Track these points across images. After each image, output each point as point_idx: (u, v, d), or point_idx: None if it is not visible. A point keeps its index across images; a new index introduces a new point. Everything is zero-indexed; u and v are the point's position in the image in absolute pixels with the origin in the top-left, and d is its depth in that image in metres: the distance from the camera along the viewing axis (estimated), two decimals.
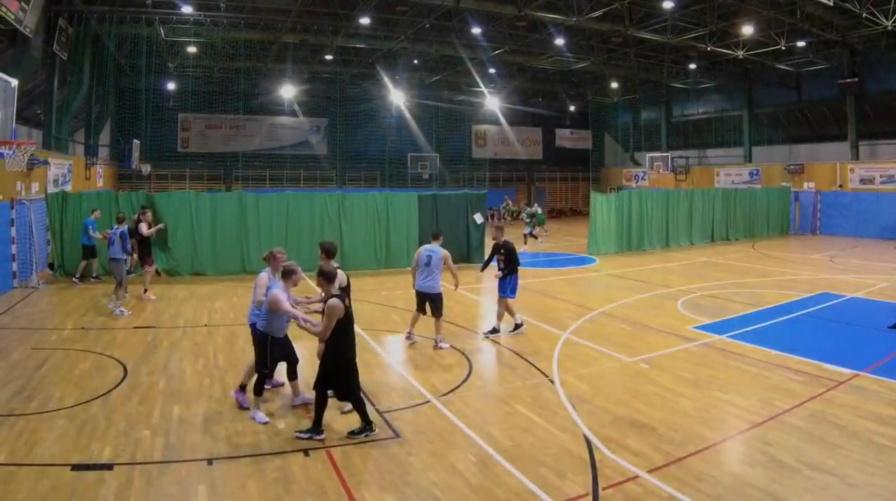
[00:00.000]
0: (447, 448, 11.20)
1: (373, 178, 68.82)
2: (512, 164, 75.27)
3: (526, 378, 15.02)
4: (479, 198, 34.98)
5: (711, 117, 65.32)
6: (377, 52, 53.21)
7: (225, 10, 41.63)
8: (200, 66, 58.29)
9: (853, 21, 40.25)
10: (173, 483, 9.88)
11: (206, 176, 63.42)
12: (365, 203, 32.01)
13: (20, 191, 27.61)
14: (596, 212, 38.68)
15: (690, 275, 30.25)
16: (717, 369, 15.60)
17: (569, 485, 9.74)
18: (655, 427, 11.92)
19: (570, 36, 48.58)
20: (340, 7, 43.03)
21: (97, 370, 15.39)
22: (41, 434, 11.50)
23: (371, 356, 16.95)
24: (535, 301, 24.44)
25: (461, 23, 45.44)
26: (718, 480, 9.86)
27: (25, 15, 28.20)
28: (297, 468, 10.44)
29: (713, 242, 44.41)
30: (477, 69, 55.62)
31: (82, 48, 40.49)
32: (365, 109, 67.41)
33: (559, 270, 32.57)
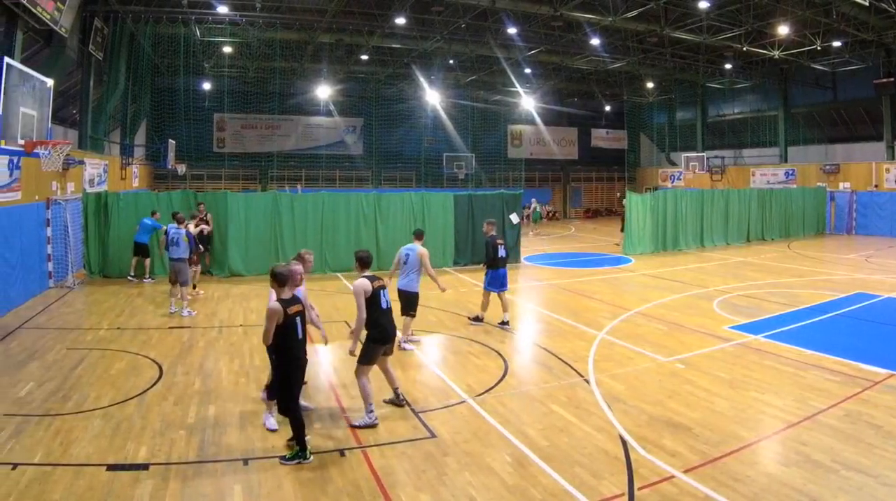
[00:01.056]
0: (483, 448, 11.20)
1: (408, 178, 68.61)
2: (547, 164, 74.86)
3: (562, 378, 15.01)
4: (515, 198, 34.94)
5: (747, 117, 64.76)
6: (413, 52, 53.09)
7: (260, 10, 41.75)
8: (236, 66, 58.44)
9: (889, 21, 39.92)
10: (209, 483, 9.94)
11: (241, 176, 63.51)
12: (401, 203, 32.03)
13: (56, 191, 27.64)
14: (631, 212, 38.62)
15: (726, 275, 30.11)
16: (753, 369, 15.54)
17: (604, 485, 9.74)
18: (691, 427, 11.91)
19: (606, 36, 48.42)
20: (376, 7, 43.16)
21: (133, 370, 15.50)
22: (77, 434, 11.59)
23: (406, 356, 17.06)
24: (572, 301, 24.44)
25: (497, 23, 45.35)
26: (754, 480, 9.83)
27: (61, 15, 28.32)
28: (333, 468, 10.48)
29: (749, 242, 44.15)
30: (512, 69, 55.44)
31: (118, 48, 40.68)
32: (400, 109, 67.36)
33: (595, 270, 32.48)
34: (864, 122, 54.22)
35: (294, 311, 10.81)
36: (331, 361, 16.57)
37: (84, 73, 36.85)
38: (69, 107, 40.26)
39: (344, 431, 11.96)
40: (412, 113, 67.78)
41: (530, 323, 21.80)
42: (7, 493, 9.37)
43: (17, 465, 10.26)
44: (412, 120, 68.16)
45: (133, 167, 45.92)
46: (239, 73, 60.21)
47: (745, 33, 44.52)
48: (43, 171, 23.57)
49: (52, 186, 27.26)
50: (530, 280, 29.77)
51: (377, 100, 67.21)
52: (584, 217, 72.44)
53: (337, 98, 64.01)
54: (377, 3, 42.74)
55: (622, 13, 40.34)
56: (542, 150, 74.11)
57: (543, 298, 25.85)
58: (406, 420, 12.48)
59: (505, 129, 72.43)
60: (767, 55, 48.91)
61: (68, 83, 36.64)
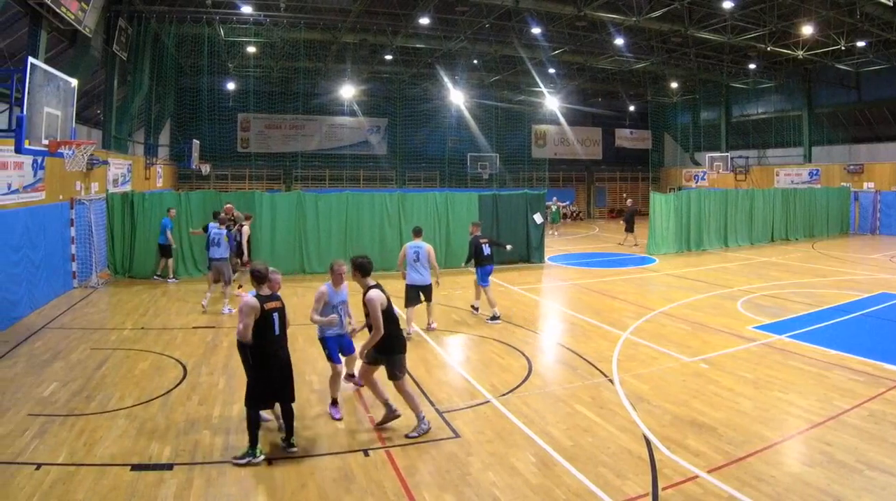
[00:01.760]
0: (507, 447, 11.20)
1: (432, 178, 68.70)
2: (571, 164, 74.66)
3: (586, 378, 15.00)
4: (539, 198, 34.87)
5: (771, 117, 64.44)
6: (437, 52, 53.07)
7: (284, 10, 41.78)
8: (260, 66, 58.60)
9: None
10: (233, 482, 9.98)
11: (265, 176, 63.63)
12: (425, 202, 31.99)
13: (80, 190, 27.70)
14: (655, 212, 38.56)
15: (750, 275, 29.99)
16: (777, 369, 15.50)
17: (628, 485, 9.74)
18: (715, 427, 11.89)
19: (630, 36, 48.38)
20: (400, 7, 43.17)
21: (157, 370, 15.55)
22: (101, 434, 11.63)
23: (431, 356, 17.10)
24: (596, 301, 24.40)
25: (521, 23, 45.33)
26: (778, 480, 9.81)
27: (85, 15, 28.41)
28: (357, 467, 10.49)
29: (773, 242, 43.97)
30: (536, 69, 55.34)
31: (142, 48, 40.84)
32: (425, 109, 67.38)
33: (619, 270, 32.44)
34: (888, 122, 53.86)
35: (270, 307, 10.92)
36: (355, 360, 16.57)
37: (108, 72, 37.00)
38: (93, 107, 40.42)
39: (368, 431, 12.00)
40: (436, 113, 67.78)
41: (554, 323, 21.80)
42: (31, 493, 9.42)
43: (40, 465, 10.31)
44: (436, 120, 68.15)
45: (157, 167, 46.14)
46: (263, 72, 60.45)
47: (769, 33, 44.41)
48: (67, 171, 23.59)
49: (76, 186, 27.35)
50: (554, 280, 29.80)
51: (401, 100, 67.28)
52: (609, 217, 72.21)
53: (361, 98, 64.05)
54: (401, 3, 42.78)
55: (646, 13, 40.32)
56: (566, 150, 73.94)
57: (567, 298, 25.82)
58: (430, 420, 12.45)
59: (529, 129, 72.27)
60: (791, 55, 48.80)
61: (92, 83, 36.79)
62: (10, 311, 19.70)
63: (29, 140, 14.87)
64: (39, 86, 15.40)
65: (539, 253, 33.96)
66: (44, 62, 18.12)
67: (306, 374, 15.28)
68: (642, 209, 65.33)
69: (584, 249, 41.80)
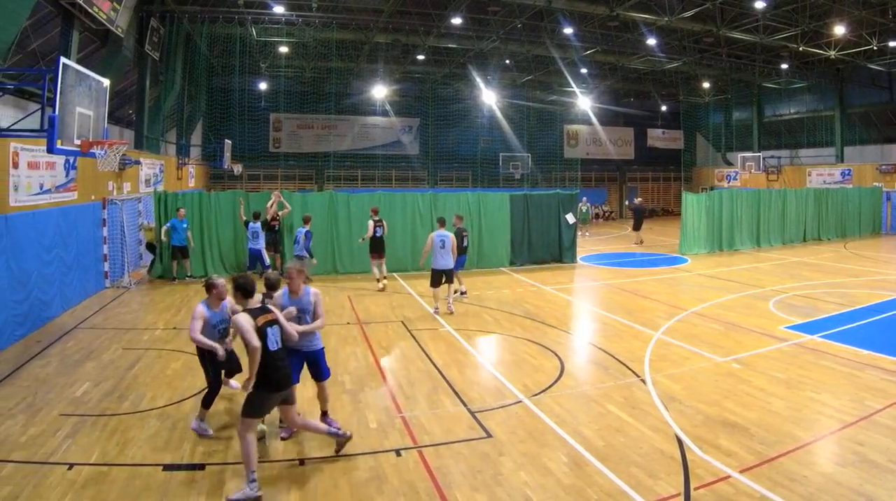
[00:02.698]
0: (539, 447, 11.21)
1: (465, 178, 68.58)
2: (604, 164, 74.42)
3: (618, 378, 14.98)
4: (571, 198, 34.77)
5: (803, 117, 63.97)
6: (469, 52, 52.95)
7: (317, 10, 41.93)
8: (292, 66, 58.73)
9: None
10: (265, 483, 9.93)
11: (297, 176, 63.81)
12: (457, 202, 31.80)
13: (112, 190, 27.75)
14: (687, 212, 38.39)
15: (782, 275, 29.82)
16: (809, 369, 15.42)
17: (661, 485, 9.74)
18: (747, 428, 11.85)
19: (662, 36, 48.14)
20: (432, 7, 43.13)
21: (189, 370, 15.55)
22: (133, 434, 11.69)
23: (463, 355, 17.09)
24: (628, 301, 24.35)
25: (553, 23, 45.18)
26: (810, 480, 9.78)
27: (117, 15, 28.57)
28: (389, 467, 10.50)
29: (805, 242, 43.68)
30: (569, 69, 55.12)
31: (174, 48, 41.07)
32: (457, 109, 67.29)
33: (651, 270, 32.31)
34: None
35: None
36: (387, 361, 16.66)
37: (140, 72, 37.29)
38: (125, 107, 40.72)
39: (400, 431, 11.99)
40: (468, 113, 67.69)
41: (586, 323, 21.76)
42: (63, 493, 9.49)
43: (73, 465, 10.37)
44: (468, 120, 68.07)
45: (189, 167, 46.31)
46: (295, 72, 60.57)
47: (801, 33, 44.16)
48: (99, 171, 23.60)
49: (108, 186, 27.42)
50: (586, 280, 29.74)
51: (433, 100, 67.34)
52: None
53: (393, 98, 64.05)
54: (433, 3, 42.77)
55: (678, 13, 40.20)
56: (598, 150, 73.69)
57: (599, 298, 25.77)
58: (462, 420, 12.50)
59: (561, 129, 72.07)
60: (823, 55, 48.48)
61: (124, 83, 37.08)
62: (42, 311, 19.82)
63: (61, 140, 14.90)
64: (71, 86, 15.42)
65: (571, 254, 33.87)
66: (76, 62, 18.21)
67: (338, 375, 15.24)
68: (674, 209, 65.15)
69: (616, 249, 41.65)
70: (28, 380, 14.71)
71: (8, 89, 21.64)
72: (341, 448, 10.95)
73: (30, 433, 11.65)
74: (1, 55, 19.34)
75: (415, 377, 15.04)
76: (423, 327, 20.03)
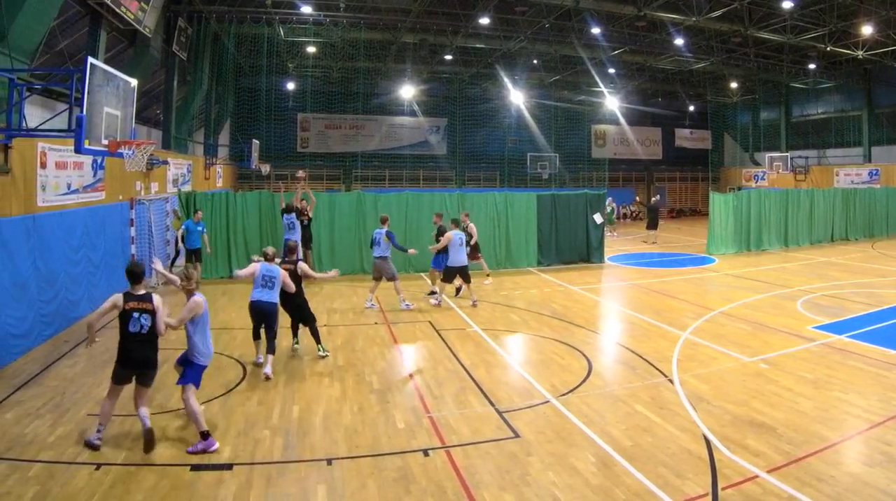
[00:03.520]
0: (567, 447, 11.21)
1: (492, 178, 68.64)
2: (631, 164, 74.42)
3: (646, 378, 14.98)
4: (598, 198, 34.64)
5: (831, 117, 63.57)
6: (496, 52, 52.87)
7: (344, 10, 42.03)
8: (320, 66, 58.84)
9: None
10: (293, 483, 10.03)
11: (325, 176, 63.93)
12: (484, 202, 31.80)
13: (139, 190, 27.80)
14: (715, 212, 38.25)
15: (810, 275, 29.67)
16: (837, 369, 15.37)
17: (688, 485, 9.72)
18: (775, 427, 11.82)
19: (690, 36, 48.02)
20: (460, 7, 43.24)
21: (216, 370, 15.51)
22: (161, 434, 11.71)
23: (490, 355, 17.08)
24: (655, 301, 24.30)
25: (580, 23, 45.14)
26: (838, 480, 9.75)
27: (145, 15, 28.67)
28: (417, 467, 10.51)
29: (832, 242, 43.36)
30: (596, 69, 54.84)
31: (202, 48, 41.28)
32: (484, 109, 67.36)
33: (679, 270, 32.21)
34: None
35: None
36: (414, 361, 16.73)
37: (168, 72, 37.46)
38: (153, 107, 40.86)
39: (428, 431, 12.01)
40: (496, 113, 67.79)
41: (614, 323, 21.79)
42: (91, 493, 9.54)
43: (100, 465, 10.45)
44: (496, 120, 68.16)
45: (217, 167, 46.40)
46: (322, 72, 60.82)
47: (829, 33, 43.96)
48: (127, 171, 23.57)
49: (135, 186, 27.48)
50: (614, 280, 29.70)
51: (461, 100, 67.44)
52: (668, 217, 71.30)
53: (420, 98, 64.27)
54: (461, 3, 42.88)
55: (706, 13, 40.12)
56: (625, 150, 73.62)
57: (627, 298, 25.73)
58: (490, 420, 12.52)
59: (589, 129, 72.04)
60: (851, 55, 48.25)
61: (152, 83, 37.22)
62: (70, 311, 19.90)
63: (89, 140, 14.93)
64: (99, 86, 15.46)
65: (599, 254, 33.78)
66: (103, 62, 18.28)
67: (366, 375, 15.39)
68: (702, 209, 64.92)
69: (643, 249, 41.55)
70: (56, 380, 14.86)
71: (36, 89, 21.80)
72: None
73: (58, 433, 11.75)
74: (29, 55, 19.46)
75: (442, 377, 15.08)
76: (450, 327, 20.06)
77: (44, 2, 19.31)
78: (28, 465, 10.40)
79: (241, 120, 57.90)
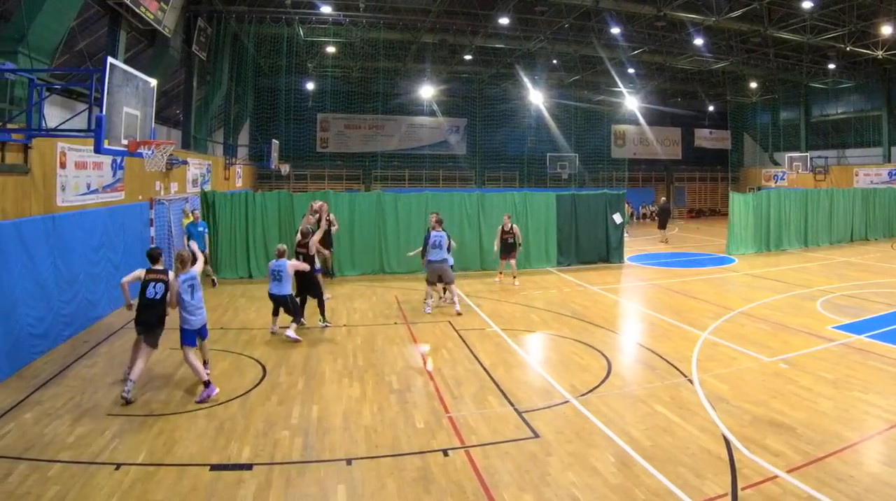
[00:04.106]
0: (586, 448, 11.21)
1: (512, 178, 68.47)
2: (651, 164, 74.18)
3: (665, 378, 14.95)
4: (618, 198, 34.61)
5: (850, 117, 63.32)
6: (516, 52, 52.97)
7: (364, 10, 42.00)
8: (339, 66, 58.91)
9: None
10: (312, 483, 10.05)
11: (345, 176, 64.08)
12: (504, 202, 31.69)
13: (159, 190, 27.85)
14: (734, 212, 38.18)
15: (829, 275, 29.57)
16: (856, 369, 15.32)
17: (708, 485, 9.72)
18: (794, 427, 11.80)
19: (709, 36, 47.92)
20: (479, 7, 43.21)
21: (236, 370, 15.66)
22: (180, 434, 11.81)
23: (510, 355, 17.07)
24: (675, 301, 24.24)
25: (600, 23, 45.11)
26: (858, 480, 9.74)
27: (164, 15, 28.80)
28: (437, 467, 10.52)
29: (852, 242, 43.27)
30: (616, 69, 54.84)
31: (221, 48, 41.44)
32: (504, 109, 67.19)
33: (698, 270, 32.11)
34: None
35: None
36: (434, 361, 16.67)
37: (187, 72, 37.68)
38: (172, 107, 41.09)
39: (447, 431, 12.02)
40: (515, 113, 67.61)
41: (633, 322, 21.76)
42: (111, 493, 9.57)
43: (120, 465, 10.46)
44: (515, 120, 68.03)
45: (236, 167, 46.50)
46: (342, 72, 60.80)
47: (849, 33, 43.79)
48: (146, 171, 23.66)
49: (155, 186, 27.54)
50: (634, 280, 29.65)
51: (481, 100, 67.34)
52: (688, 217, 71.43)
53: (440, 98, 64.09)
54: (481, 3, 42.85)
55: (725, 13, 40.02)
56: (645, 150, 73.45)
57: (646, 298, 25.67)
58: (509, 420, 12.52)
59: (608, 129, 71.90)
60: (871, 55, 47.96)
61: (171, 83, 37.44)
62: (89, 311, 19.93)
63: (108, 140, 14.93)
64: (118, 86, 15.48)
65: (618, 254, 33.74)
66: (123, 62, 18.31)
67: (385, 374, 15.39)
68: (721, 209, 64.81)
69: (663, 249, 41.47)
70: (75, 380, 14.88)
71: (55, 89, 21.82)
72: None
73: (77, 433, 11.78)
74: (48, 55, 19.56)
75: (462, 377, 15.10)
76: (470, 327, 20.04)
77: (63, 2, 19.42)
78: (47, 465, 10.46)
79: (261, 120, 58.01)
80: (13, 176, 15.90)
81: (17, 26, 18.24)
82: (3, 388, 14.12)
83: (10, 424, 12.13)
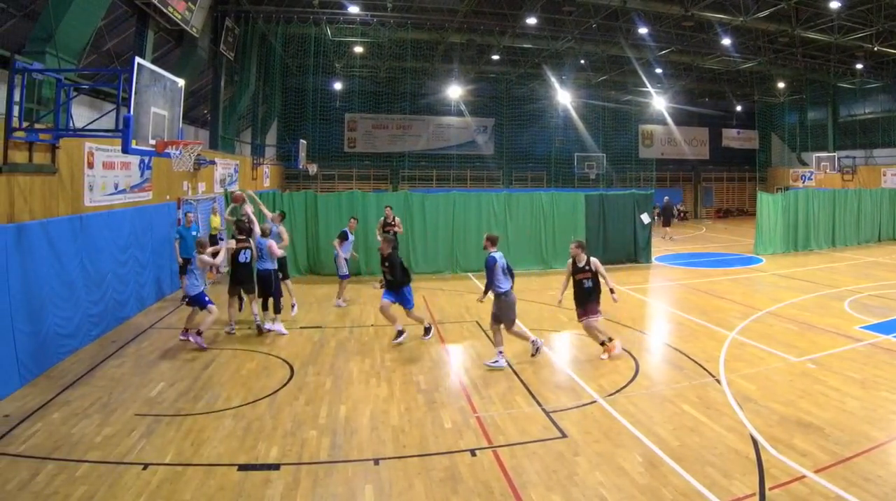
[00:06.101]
0: (614, 447, 11.22)
1: (539, 178, 68.33)
2: (679, 164, 73.74)
3: (693, 378, 14.94)
4: (646, 198, 34.58)
5: (878, 117, 62.66)
6: (544, 52, 52.68)
7: (391, 10, 41.97)
8: (367, 66, 58.75)
9: None
10: (340, 482, 10.09)
11: (372, 176, 64.13)
12: (531, 202, 31.87)
13: (187, 190, 28.00)
14: (763, 211, 38.04)
15: (857, 275, 29.44)
16: (884, 369, 15.25)
17: (735, 485, 9.70)
18: (822, 427, 11.76)
19: (737, 36, 47.59)
20: (507, 7, 43.20)
21: (264, 370, 15.76)
22: (208, 434, 11.90)
23: (538, 355, 17.03)
24: (702, 301, 24.22)
25: (627, 23, 44.93)
26: (885, 480, 9.70)
27: (192, 15, 28.84)
28: (464, 467, 10.55)
29: (880, 242, 43.10)
30: (643, 69, 54.38)
31: (249, 48, 41.45)
32: (531, 109, 67.04)
33: (726, 270, 32.08)
34: None
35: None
36: (461, 361, 16.78)
37: (215, 72, 37.75)
38: (200, 107, 41.18)
39: (475, 431, 12.04)
40: (543, 113, 67.47)
41: (661, 322, 21.76)
42: (138, 493, 9.64)
43: (147, 465, 10.55)
44: (543, 120, 67.84)
45: (264, 167, 46.55)
46: (370, 72, 60.77)
47: (877, 33, 43.50)
48: (174, 171, 23.56)
49: (183, 186, 27.67)
50: (661, 280, 29.64)
51: (508, 100, 67.05)
52: (715, 217, 71.24)
53: (468, 98, 63.88)
54: (508, 3, 42.83)
55: (753, 13, 39.78)
56: (673, 150, 73.00)
57: (674, 298, 25.68)
58: (537, 420, 12.55)
59: (636, 129, 71.46)
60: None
61: (199, 83, 37.52)
62: (117, 311, 20.09)
63: (136, 140, 15.00)
64: (146, 86, 15.55)
65: (646, 254, 33.78)
66: (151, 62, 18.40)
67: (413, 374, 15.47)
68: (749, 209, 64.58)
69: (690, 249, 41.37)
70: (103, 380, 14.99)
71: (83, 89, 22.06)
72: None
73: (105, 433, 11.88)
74: (76, 55, 19.66)
75: (489, 377, 15.14)
76: None
77: (91, 2, 19.49)
78: (75, 465, 10.54)
79: (289, 120, 58.10)
80: (41, 176, 15.99)
81: (45, 26, 18.35)
82: (31, 388, 14.28)
83: (37, 424, 12.25)
